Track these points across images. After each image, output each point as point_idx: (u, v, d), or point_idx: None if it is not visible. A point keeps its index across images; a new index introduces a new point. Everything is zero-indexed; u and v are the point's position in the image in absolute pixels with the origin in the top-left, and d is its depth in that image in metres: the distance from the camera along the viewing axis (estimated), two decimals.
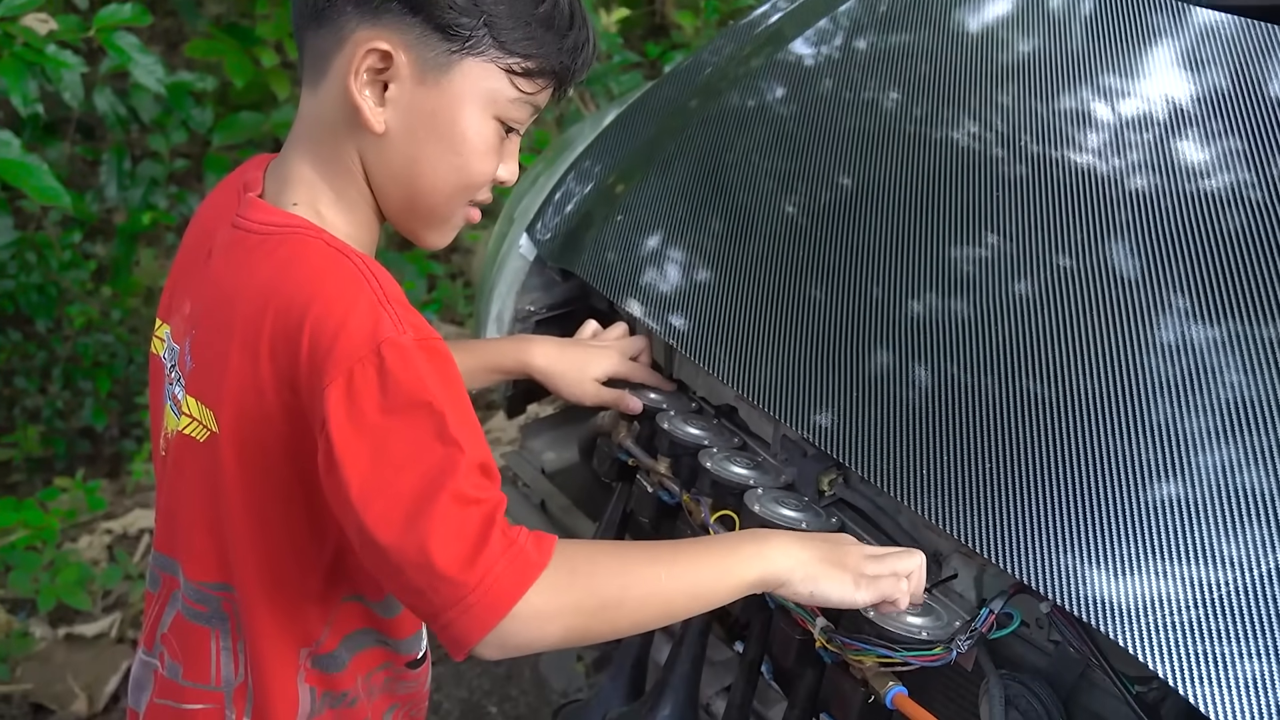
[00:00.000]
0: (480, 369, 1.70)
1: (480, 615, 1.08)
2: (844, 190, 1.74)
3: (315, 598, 1.26)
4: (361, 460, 1.08)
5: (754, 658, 1.51)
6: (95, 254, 4.25)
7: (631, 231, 1.83)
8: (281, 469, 1.19)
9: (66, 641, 2.95)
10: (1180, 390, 1.32)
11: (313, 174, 1.24)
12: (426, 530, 1.06)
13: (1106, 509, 1.25)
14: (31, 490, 3.49)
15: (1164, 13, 1.76)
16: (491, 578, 1.07)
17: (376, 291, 1.14)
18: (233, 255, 1.23)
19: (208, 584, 1.27)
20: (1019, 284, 1.50)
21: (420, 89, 1.20)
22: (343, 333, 1.10)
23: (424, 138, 1.21)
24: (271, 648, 1.25)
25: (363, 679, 1.32)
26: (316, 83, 1.23)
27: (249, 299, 1.18)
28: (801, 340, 1.56)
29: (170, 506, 1.32)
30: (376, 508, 1.08)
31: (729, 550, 1.25)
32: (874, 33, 2.01)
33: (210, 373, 1.22)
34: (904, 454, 1.39)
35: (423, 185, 1.24)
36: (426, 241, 1.32)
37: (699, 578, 1.21)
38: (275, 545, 1.23)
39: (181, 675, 1.32)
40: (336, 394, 1.09)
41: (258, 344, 1.15)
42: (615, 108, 2.20)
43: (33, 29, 2.65)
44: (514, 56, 1.21)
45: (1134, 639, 1.16)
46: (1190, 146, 1.58)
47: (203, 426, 1.23)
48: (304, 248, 1.19)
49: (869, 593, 1.26)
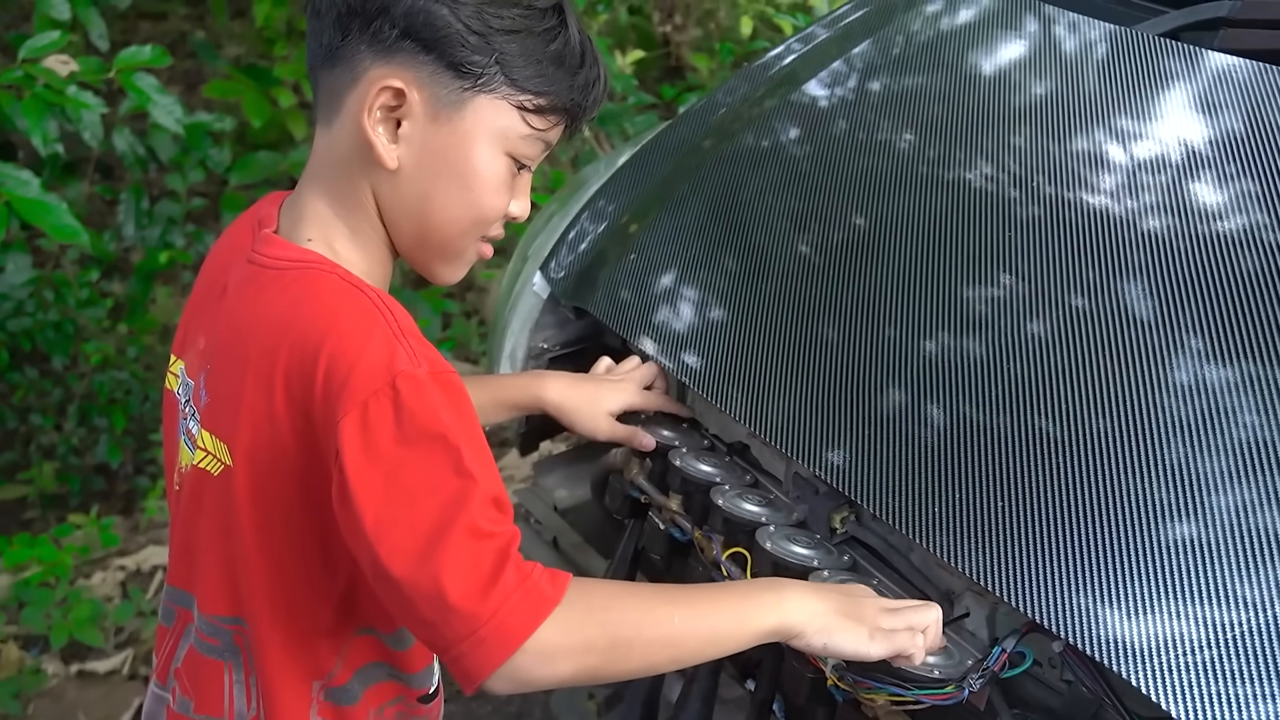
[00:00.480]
0: (494, 404, 1.70)
1: (492, 649, 1.08)
2: (857, 230, 1.75)
3: (328, 630, 1.25)
4: (375, 492, 1.09)
5: (765, 696, 1.50)
6: (112, 292, 4.27)
7: (645, 270, 1.83)
8: (295, 502, 1.19)
9: (79, 678, 2.95)
10: (1195, 431, 1.32)
11: (327, 210, 1.25)
12: (440, 563, 1.07)
13: (1120, 548, 1.25)
14: (46, 526, 3.49)
15: (1178, 56, 1.77)
16: (505, 611, 1.08)
17: (391, 325, 1.15)
18: (248, 290, 1.24)
19: (220, 618, 1.27)
20: (1033, 324, 1.50)
21: (433, 126, 1.21)
22: (358, 366, 1.11)
23: (436, 174, 1.23)
24: (284, 681, 1.25)
25: (374, 712, 1.31)
26: (330, 120, 1.24)
27: (264, 333, 1.18)
28: (814, 378, 1.57)
29: (185, 541, 1.32)
30: (390, 540, 1.08)
31: (745, 598, 1.24)
32: (888, 74, 2.02)
33: (225, 406, 1.23)
34: (916, 492, 1.39)
35: (435, 220, 1.25)
36: (439, 276, 1.32)
37: (714, 623, 1.21)
38: (288, 578, 1.23)
39: (194, 709, 1.32)
40: (351, 426, 1.09)
41: (272, 378, 1.16)
42: (629, 148, 2.22)
43: (54, 70, 2.68)
44: (526, 94, 1.22)
45: (1148, 679, 1.15)
46: (1205, 188, 1.59)
47: (217, 460, 1.23)
48: (319, 282, 1.19)
49: (884, 646, 1.24)
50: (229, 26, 5.21)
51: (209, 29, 5.43)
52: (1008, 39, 1.95)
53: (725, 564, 1.53)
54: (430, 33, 1.18)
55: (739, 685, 1.62)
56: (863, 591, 1.33)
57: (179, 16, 5.58)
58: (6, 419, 3.88)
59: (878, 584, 1.47)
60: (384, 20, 1.18)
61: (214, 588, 1.27)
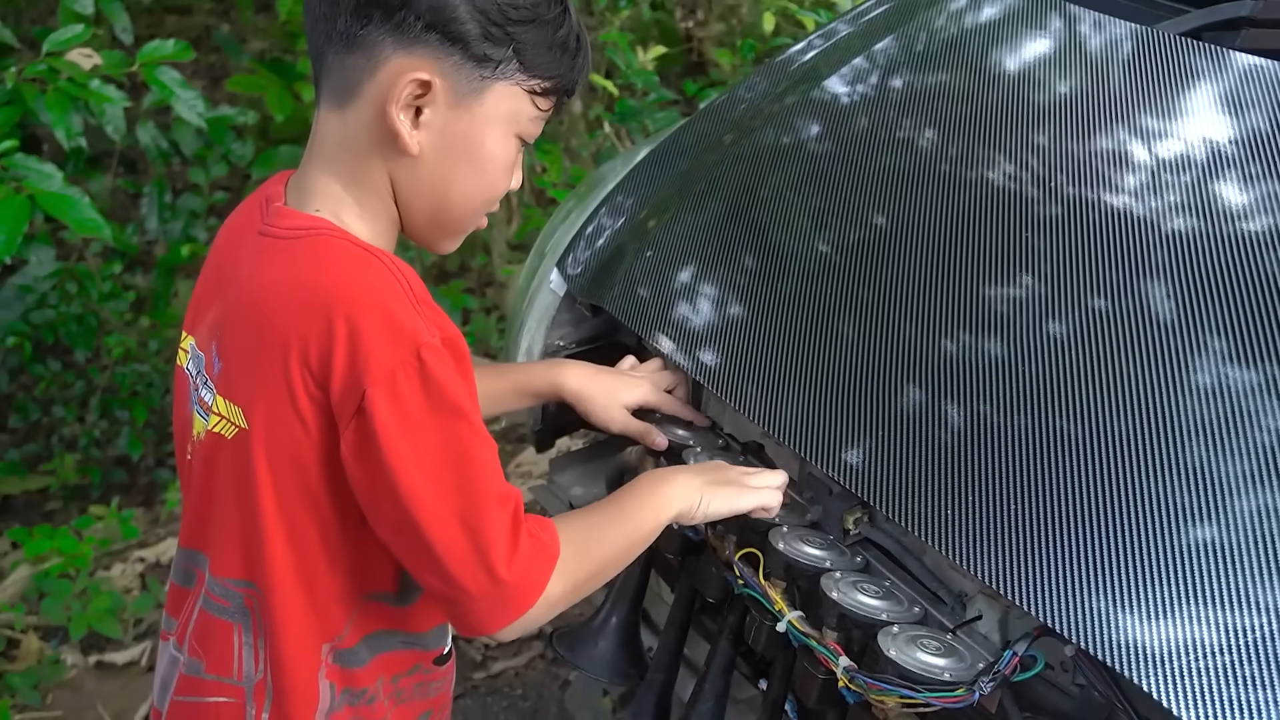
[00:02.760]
0: (512, 392, 1.73)
1: (511, 608, 1.22)
2: (877, 228, 1.74)
3: (338, 594, 1.30)
4: (408, 458, 1.16)
5: (777, 697, 1.50)
6: (135, 285, 4.29)
7: (662, 267, 1.83)
8: (307, 464, 1.23)
9: (97, 669, 2.96)
10: (1215, 433, 1.31)
11: (338, 189, 1.28)
12: (475, 528, 1.18)
13: (1134, 552, 1.24)
14: (67, 518, 3.51)
15: (1203, 56, 1.75)
16: (525, 573, 1.22)
17: (409, 294, 1.20)
18: (261, 260, 1.27)
19: (232, 580, 1.31)
20: (1052, 324, 1.49)
21: (453, 114, 1.25)
22: (382, 336, 1.16)
23: (455, 158, 1.28)
24: (294, 643, 1.29)
25: (387, 681, 1.36)
26: (344, 103, 1.26)
27: (278, 299, 1.22)
28: (830, 378, 1.56)
29: (198, 505, 1.36)
30: (425, 503, 1.17)
31: (649, 498, 1.44)
32: (909, 71, 2.01)
33: (239, 371, 1.27)
34: (930, 494, 1.39)
35: (452, 201, 1.31)
36: (441, 249, 1.39)
37: (642, 530, 1.41)
38: (300, 540, 1.26)
39: (204, 670, 1.35)
40: (379, 394, 1.15)
41: (287, 342, 1.19)
42: (648, 144, 2.21)
43: (77, 64, 2.69)
44: (535, 79, 1.28)
45: (1160, 684, 1.15)
46: (1228, 189, 1.57)
47: (231, 424, 1.26)
48: (330, 247, 1.23)
49: (751, 500, 1.50)
50: (253, 21, 5.22)
51: (233, 23, 5.45)
52: (1029, 37, 1.94)
53: (738, 565, 1.53)
54: (455, 26, 1.22)
55: (751, 685, 1.62)
56: (722, 465, 1.57)
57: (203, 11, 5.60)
58: (29, 411, 3.91)
59: (890, 585, 1.47)
60: (407, 12, 1.21)
61: (226, 550, 1.31)
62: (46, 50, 2.67)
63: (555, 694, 2.84)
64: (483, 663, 2.96)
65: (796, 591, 1.49)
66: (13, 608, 3.05)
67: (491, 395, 1.69)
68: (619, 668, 1.68)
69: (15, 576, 3.18)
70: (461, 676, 2.91)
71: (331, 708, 1.32)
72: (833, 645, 1.38)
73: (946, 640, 1.36)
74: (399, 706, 1.39)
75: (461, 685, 2.88)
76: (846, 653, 1.37)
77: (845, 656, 1.36)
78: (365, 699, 1.35)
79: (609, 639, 1.69)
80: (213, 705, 1.34)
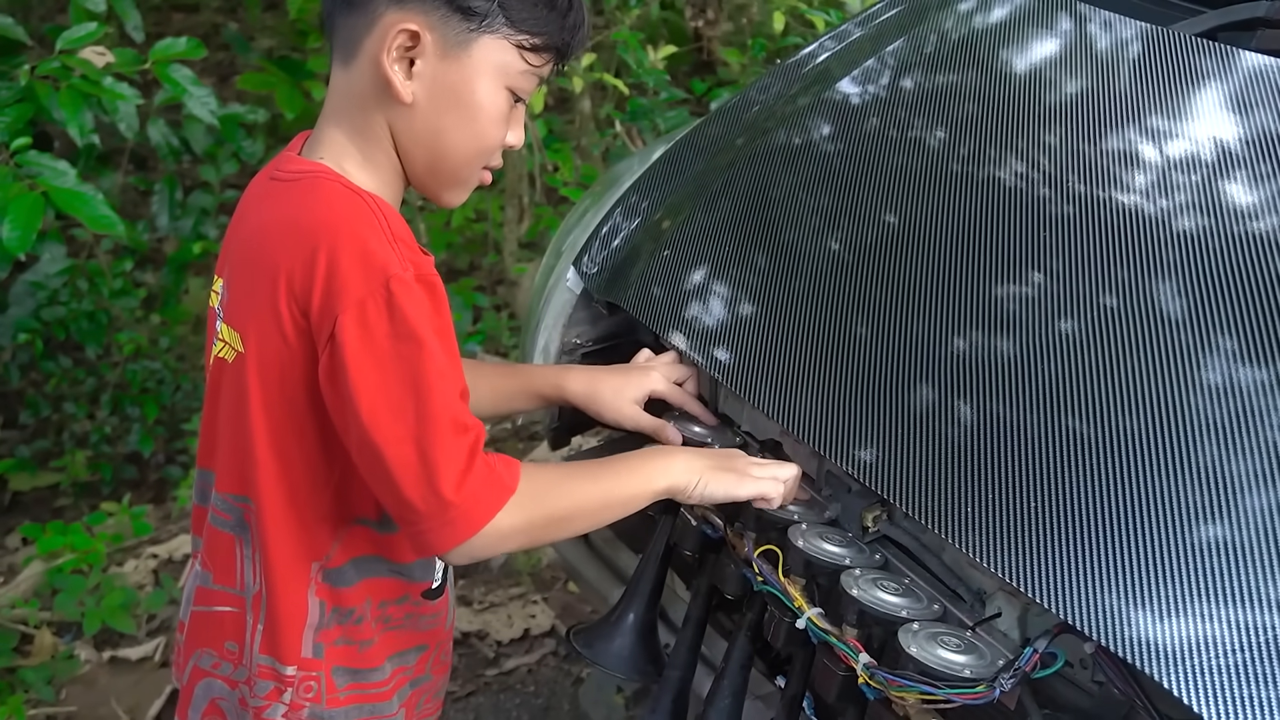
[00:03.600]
0: (523, 393, 1.76)
1: (458, 530, 1.29)
2: (889, 227, 1.75)
3: (326, 515, 1.40)
4: (371, 380, 1.26)
5: (796, 693, 1.51)
6: (145, 282, 4.30)
7: (677, 266, 1.84)
8: (294, 387, 1.34)
9: (111, 665, 2.97)
10: (1226, 432, 1.32)
11: (344, 139, 1.39)
12: (427, 450, 1.26)
13: (1152, 549, 1.25)
14: (78, 514, 3.52)
15: (1212, 56, 1.76)
16: (473, 499, 1.28)
17: (386, 231, 1.29)
18: (266, 200, 1.41)
19: (232, 495, 1.42)
20: (1063, 322, 1.50)
21: (443, 64, 1.35)
22: (355, 267, 1.26)
23: (446, 106, 1.37)
24: (284, 559, 1.40)
25: (375, 605, 1.45)
26: (348, 61, 1.38)
27: (273, 233, 1.35)
28: (845, 375, 1.57)
29: (207, 424, 1.48)
30: (383, 424, 1.26)
31: (644, 465, 1.49)
32: (920, 72, 2.02)
33: (239, 299, 1.39)
34: (948, 491, 1.39)
35: (445, 148, 1.40)
36: (445, 201, 1.47)
37: (624, 493, 1.46)
38: (288, 460, 1.37)
39: (212, 580, 1.47)
40: (349, 321, 1.25)
41: (276, 272, 1.30)
42: (662, 144, 2.22)
43: (90, 61, 2.70)
44: (523, 34, 1.37)
45: (1180, 681, 1.15)
46: (1238, 188, 1.58)
47: (232, 349, 1.39)
48: (322, 188, 1.34)
49: (751, 488, 1.52)
50: (262, 19, 5.24)
51: (242, 21, 5.46)
52: (1042, 37, 1.95)
53: (757, 562, 1.53)
54: None
55: (769, 682, 1.63)
56: (735, 452, 1.60)
57: (212, 8, 5.62)
58: (40, 407, 3.92)
59: (909, 583, 1.48)
60: None
61: (227, 467, 1.43)
62: (59, 48, 2.68)
63: (568, 691, 2.85)
64: (495, 659, 2.97)
65: (816, 588, 1.49)
66: (26, 603, 3.06)
67: (502, 393, 1.74)
68: (636, 664, 1.69)
69: (28, 572, 3.19)
70: (474, 674, 2.92)
71: (321, 624, 1.42)
72: (853, 642, 1.39)
73: (966, 637, 1.37)
74: (387, 632, 1.47)
75: (474, 682, 2.89)
76: (866, 649, 1.38)
77: (865, 653, 1.37)
78: (353, 619, 1.44)
79: (626, 635, 1.69)
80: (218, 615, 1.46)
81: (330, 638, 1.43)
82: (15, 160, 2.51)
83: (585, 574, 1.98)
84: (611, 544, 1.99)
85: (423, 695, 1.55)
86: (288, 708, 1.43)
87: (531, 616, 3.09)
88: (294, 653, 1.42)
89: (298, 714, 1.44)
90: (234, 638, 1.45)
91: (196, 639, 1.50)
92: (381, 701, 1.48)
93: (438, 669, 1.57)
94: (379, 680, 1.47)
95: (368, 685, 1.47)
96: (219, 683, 1.48)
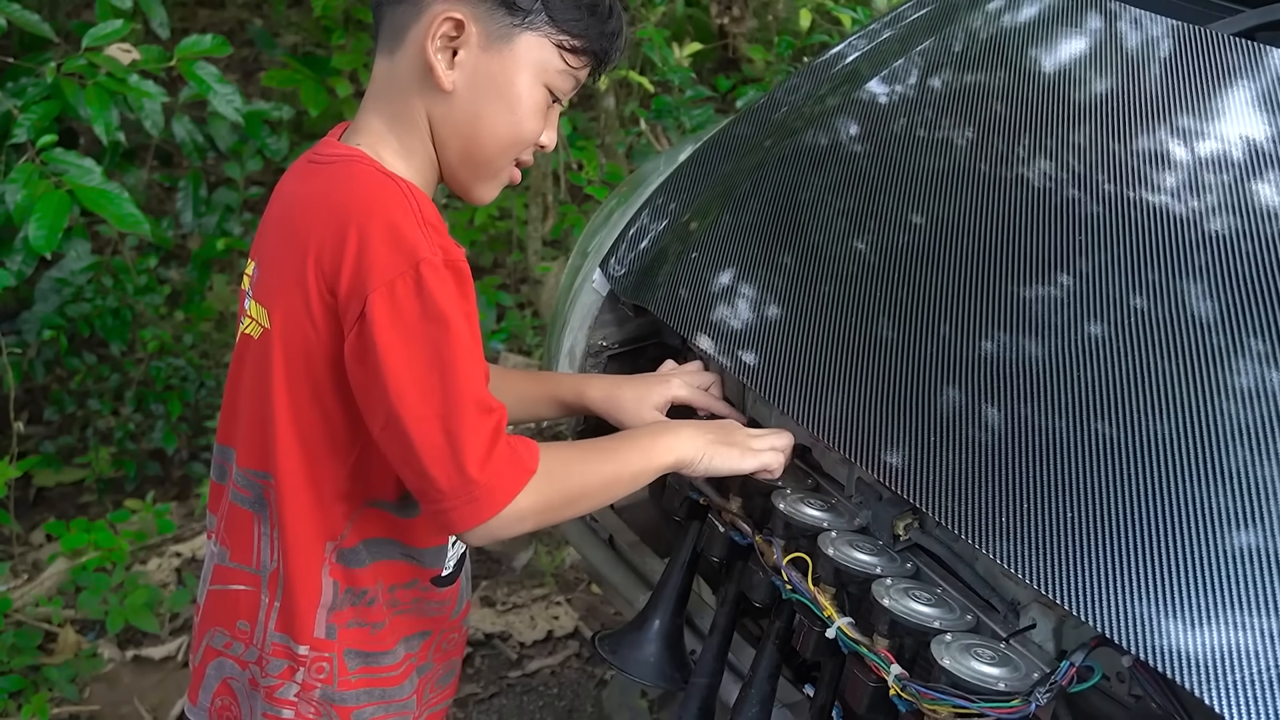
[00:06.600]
0: (544, 398, 1.77)
1: (480, 509, 1.30)
2: (917, 229, 1.73)
3: (342, 494, 1.42)
4: (400, 359, 1.28)
5: (824, 702, 1.49)
6: (170, 279, 4.30)
7: (705, 268, 1.82)
8: (317, 364, 1.36)
9: (134, 663, 2.98)
10: (1259, 436, 1.29)
11: (382, 126, 1.43)
12: (454, 430, 1.28)
13: (1190, 559, 1.23)
14: (102, 511, 3.53)
15: (1242, 53, 1.73)
16: (496, 478, 1.30)
17: (416, 214, 1.31)
18: (301, 182, 1.44)
19: (253, 471, 1.44)
20: (1093, 325, 1.48)
21: (485, 55, 1.39)
22: (386, 247, 1.28)
23: (485, 97, 1.41)
24: (302, 537, 1.42)
25: (385, 588, 1.47)
26: (393, 50, 1.42)
27: (306, 213, 1.37)
28: (874, 380, 1.55)
29: (230, 400, 1.50)
30: (410, 402, 1.28)
31: (652, 442, 1.52)
32: (949, 71, 2.00)
33: (268, 276, 1.42)
34: (979, 498, 1.37)
35: (481, 137, 1.43)
36: (475, 195, 1.49)
37: (633, 470, 1.49)
38: (307, 436, 1.39)
39: (229, 558, 1.48)
40: (380, 300, 1.27)
41: (306, 249, 1.33)
42: (689, 144, 2.21)
43: (116, 59, 2.70)
44: (564, 34, 1.41)
45: (1219, 695, 1.13)
46: (1269, 188, 1.56)
47: (258, 325, 1.41)
48: (355, 170, 1.37)
49: (754, 461, 1.55)
50: (286, 15, 5.24)
51: (266, 17, 5.46)
52: (1075, 36, 1.92)
53: (786, 569, 1.51)
54: None
55: (797, 690, 1.61)
56: (733, 424, 1.64)
57: (236, 5, 5.62)
58: (64, 404, 3.92)
59: (941, 592, 1.46)
60: None
61: (249, 443, 1.45)
62: (86, 45, 2.68)
63: (591, 693, 2.83)
64: (518, 661, 2.96)
65: (846, 597, 1.48)
66: (50, 601, 3.06)
67: (525, 399, 1.74)
68: (663, 671, 1.68)
69: (52, 570, 3.20)
70: (496, 675, 2.91)
71: (335, 605, 1.44)
72: (884, 653, 1.37)
73: (1000, 649, 1.35)
74: (396, 615, 1.49)
75: (497, 684, 2.88)
76: (898, 660, 1.36)
77: (897, 664, 1.35)
78: (366, 599, 1.45)
79: (653, 641, 1.68)
80: (233, 593, 1.48)
81: (343, 619, 1.45)
82: (41, 158, 2.51)
83: (611, 579, 1.97)
84: (637, 549, 1.97)
85: (428, 684, 1.56)
86: (300, 687, 1.45)
87: (555, 618, 3.08)
88: (308, 632, 1.44)
89: (309, 694, 1.46)
90: (246, 617, 1.47)
91: (211, 618, 1.52)
92: (393, 686, 1.50)
93: (439, 656, 1.57)
94: (390, 664, 1.49)
95: (379, 669, 1.48)
96: (230, 662, 1.50)
